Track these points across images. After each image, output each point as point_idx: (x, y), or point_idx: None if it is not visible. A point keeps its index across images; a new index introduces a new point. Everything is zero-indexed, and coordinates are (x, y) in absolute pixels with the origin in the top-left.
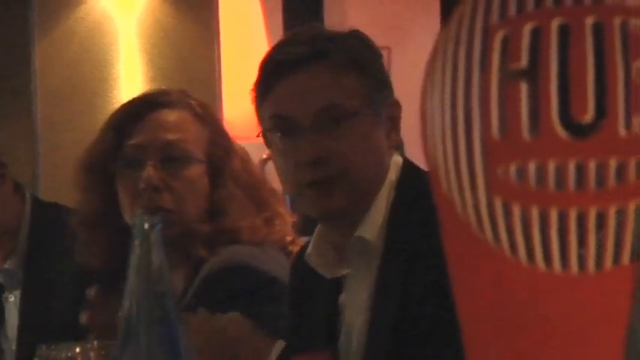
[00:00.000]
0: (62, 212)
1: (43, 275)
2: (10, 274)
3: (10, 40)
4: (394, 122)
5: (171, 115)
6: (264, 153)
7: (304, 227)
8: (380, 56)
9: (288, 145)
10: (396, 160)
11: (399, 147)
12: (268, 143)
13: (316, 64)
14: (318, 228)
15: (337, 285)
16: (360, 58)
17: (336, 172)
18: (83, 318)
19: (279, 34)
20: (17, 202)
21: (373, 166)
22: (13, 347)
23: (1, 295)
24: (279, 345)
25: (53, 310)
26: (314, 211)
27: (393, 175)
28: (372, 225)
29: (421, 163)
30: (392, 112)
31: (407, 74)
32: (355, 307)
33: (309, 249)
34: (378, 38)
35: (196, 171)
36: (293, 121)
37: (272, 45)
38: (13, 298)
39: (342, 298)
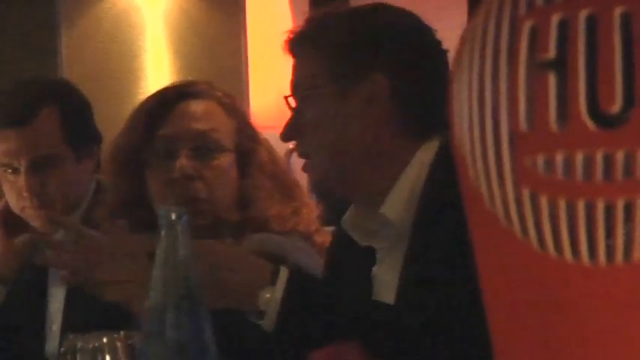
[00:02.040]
0: None
1: None
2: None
3: (36, 31)
4: (375, 97)
5: (200, 106)
6: (290, 143)
7: (329, 218)
8: (350, 33)
9: None
10: (433, 143)
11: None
12: None
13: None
14: None
15: (373, 255)
16: (320, 36)
17: (308, 148)
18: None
19: None
20: (88, 184)
21: (340, 137)
22: (54, 327)
23: (45, 277)
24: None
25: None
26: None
27: (426, 156)
28: (395, 203)
29: None
30: (370, 87)
31: None
32: (385, 282)
33: (347, 214)
34: None
35: (227, 160)
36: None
37: None
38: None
39: (375, 270)
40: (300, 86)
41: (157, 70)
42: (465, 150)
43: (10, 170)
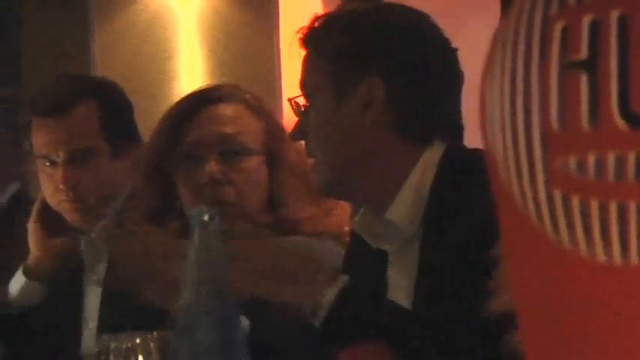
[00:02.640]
0: None
1: None
2: (92, 245)
3: (69, 33)
4: (372, 102)
5: (226, 109)
6: None
7: None
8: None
9: None
10: (437, 146)
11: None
12: None
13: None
14: None
15: (386, 257)
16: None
17: (313, 149)
18: None
19: None
20: (124, 181)
21: (340, 142)
22: (90, 326)
23: (81, 272)
24: (341, 280)
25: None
26: None
27: (430, 160)
28: (400, 208)
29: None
30: (366, 92)
31: (465, 64)
32: (398, 285)
33: (357, 216)
34: None
35: (255, 163)
36: None
37: None
38: (95, 277)
39: (388, 272)
40: (305, 86)
41: (189, 72)
42: (497, 151)
43: (48, 163)
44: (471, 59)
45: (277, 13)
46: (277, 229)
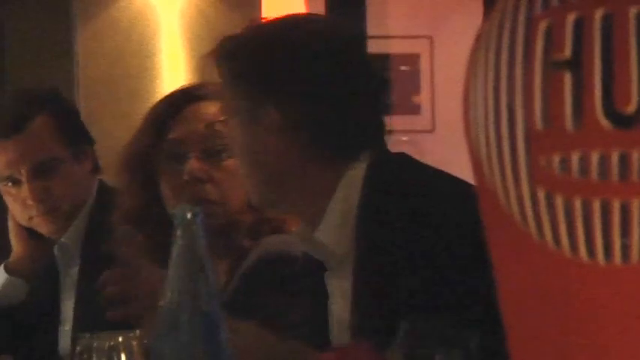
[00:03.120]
0: None
1: (100, 259)
2: (64, 249)
3: (51, 30)
4: (272, 128)
5: (209, 107)
6: None
7: None
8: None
9: None
10: (360, 162)
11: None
12: None
13: None
14: None
15: (315, 266)
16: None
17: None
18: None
19: None
20: (90, 183)
21: (254, 165)
22: (67, 328)
23: (58, 275)
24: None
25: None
26: None
27: (355, 176)
28: (329, 228)
29: (461, 154)
30: (265, 119)
31: (449, 63)
32: (338, 291)
33: (297, 229)
34: (419, 27)
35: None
36: None
37: None
38: (70, 281)
39: (327, 278)
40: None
41: (172, 70)
42: (481, 149)
43: (10, 183)
44: (455, 56)
45: (260, 12)
46: (262, 229)
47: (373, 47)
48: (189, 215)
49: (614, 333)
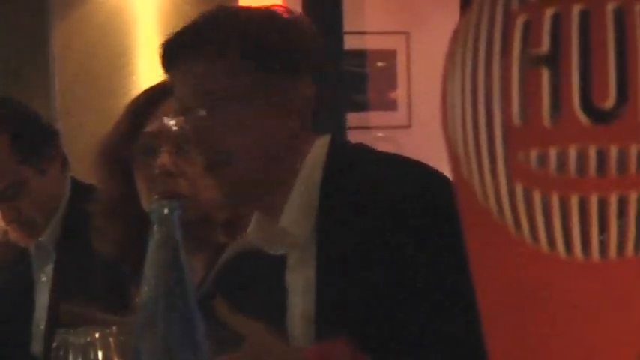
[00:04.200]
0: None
1: (75, 257)
2: (41, 248)
3: (27, 25)
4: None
5: None
6: None
7: None
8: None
9: None
10: (323, 141)
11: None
12: None
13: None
14: None
15: (283, 262)
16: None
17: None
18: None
19: None
20: (61, 185)
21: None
22: (42, 327)
23: (32, 276)
24: None
25: (84, 293)
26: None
27: (315, 157)
28: (292, 213)
29: (439, 150)
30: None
31: (426, 59)
32: (298, 288)
33: (250, 226)
34: (396, 23)
35: None
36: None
37: None
38: (45, 278)
39: (287, 276)
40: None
41: (149, 65)
42: (459, 144)
43: None
44: (432, 52)
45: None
46: (237, 225)
47: (350, 43)
48: (165, 211)
49: (591, 328)
